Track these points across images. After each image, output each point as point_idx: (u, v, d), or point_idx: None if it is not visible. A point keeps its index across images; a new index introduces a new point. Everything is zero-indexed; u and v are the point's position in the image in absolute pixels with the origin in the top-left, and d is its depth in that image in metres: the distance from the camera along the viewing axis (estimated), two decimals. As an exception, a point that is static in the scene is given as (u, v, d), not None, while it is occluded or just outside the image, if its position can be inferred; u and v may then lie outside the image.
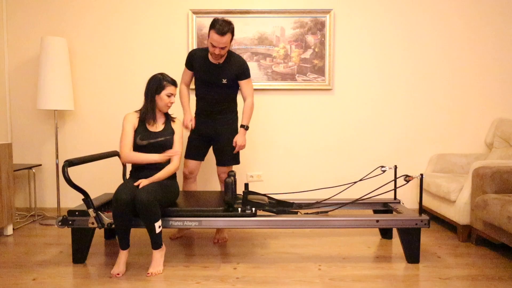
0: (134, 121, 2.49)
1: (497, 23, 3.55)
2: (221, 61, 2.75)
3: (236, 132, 2.89)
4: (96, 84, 3.64)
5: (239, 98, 3.37)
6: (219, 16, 3.53)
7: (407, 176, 2.36)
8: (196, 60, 2.79)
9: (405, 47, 3.58)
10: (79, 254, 2.37)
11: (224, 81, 2.75)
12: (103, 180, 3.69)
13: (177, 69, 3.62)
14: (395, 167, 2.76)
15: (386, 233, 2.91)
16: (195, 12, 3.54)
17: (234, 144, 2.83)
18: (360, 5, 3.56)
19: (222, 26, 2.57)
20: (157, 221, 2.21)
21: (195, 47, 3.56)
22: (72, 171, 3.69)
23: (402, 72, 3.60)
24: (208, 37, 2.63)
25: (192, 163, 2.89)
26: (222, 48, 2.63)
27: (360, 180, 2.63)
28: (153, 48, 3.61)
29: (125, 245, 2.25)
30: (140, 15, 3.60)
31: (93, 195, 3.68)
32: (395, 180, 2.74)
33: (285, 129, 3.64)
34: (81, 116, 3.66)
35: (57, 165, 3.37)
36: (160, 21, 3.60)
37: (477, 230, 2.70)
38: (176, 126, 2.58)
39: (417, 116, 3.62)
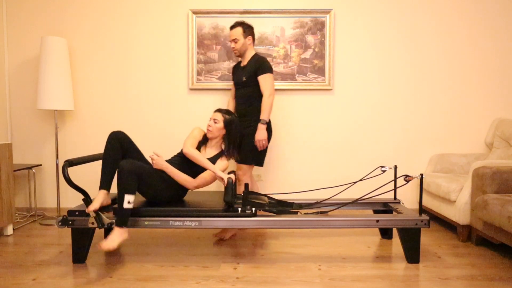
0: (199, 136, 2.64)
1: (497, 23, 3.55)
2: (246, 62, 2.97)
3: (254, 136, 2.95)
4: (96, 84, 3.64)
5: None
6: (219, 16, 3.53)
7: (407, 176, 2.36)
8: (234, 68, 3.11)
9: (405, 47, 3.58)
10: (79, 254, 2.37)
11: (244, 78, 2.93)
12: (103, 180, 3.69)
13: (177, 69, 3.62)
14: (395, 167, 2.76)
15: (386, 233, 2.91)
16: (195, 12, 3.54)
17: (255, 143, 2.89)
18: (360, 5, 3.56)
19: (235, 22, 2.95)
20: (128, 193, 2.21)
21: (195, 47, 3.56)
22: (72, 171, 3.69)
23: (402, 72, 3.60)
24: None
25: (242, 166, 2.98)
26: (234, 41, 2.92)
27: (360, 180, 2.63)
28: (153, 48, 3.61)
29: (105, 184, 2.33)
30: (140, 15, 3.60)
31: (93, 195, 3.68)
32: (395, 180, 2.74)
33: (285, 129, 3.64)
34: (81, 116, 3.66)
35: (57, 165, 3.37)
36: (160, 21, 3.60)
37: (477, 230, 2.70)
38: (220, 162, 2.58)
39: (417, 116, 3.62)
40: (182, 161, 2.57)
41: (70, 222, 2.34)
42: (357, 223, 2.37)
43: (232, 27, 2.93)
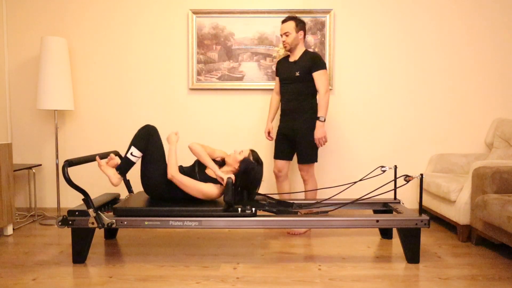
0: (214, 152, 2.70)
1: (497, 23, 3.55)
2: (297, 57, 2.96)
3: (313, 130, 2.95)
4: (96, 84, 3.64)
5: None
6: (219, 16, 3.53)
7: (407, 176, 2.36)
8: (280, 64, 3.09)
9: (405, 47, 3.58)
10: (79, 254, 2.37)
11: (297, 73, 2.91)
12: (103, 180, 3.69)
13: (177, 69, 3.62)
14: (395, 167, 2.76)
15: (386, 233, 2.91)
16: (195, 12, 3.54)
17: (315, 141, 2.92)
18: (360, 5, 3.56)
19: (287, 17, 2.95)
20: (135, 146, 2.44)
21: (195, 47, 3.56)
22: (72, 171, 3.69)
23: (402, 72, 3.60)
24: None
25: (279, 162, 3.07)
26: (286, 35, 2.91)
27: (360, 180, 2.63)
28: (153, 48, 3.61)
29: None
30: (140, 15, 3.60)
31: (93, 195, 3.68)
32: (395, 180, 2.73)
33: (285, 129, 3.64)
34: (81, 116, 3.66)
35: (57, 165, 3.37)
36: (160, 21, 3.60)
37: (477, 230, 2.70)
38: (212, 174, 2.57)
39: (417, 116, 3.62)
40: (190, 172, 2.56)
41: (70, 222, 2.34)
42: (357, 223, 2.37)
43: (284, 21, 2.92)
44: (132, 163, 2.47)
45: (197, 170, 2.56)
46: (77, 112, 3.66)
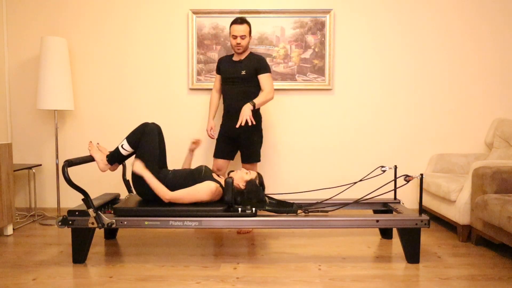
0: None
1: (498, 23, 3.55)
2: (242, 57, 2.98)
3: (257, 131, 3.00)
4: (96, 84, 3.64)
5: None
6: (219, 16, 3.53)
7: (407, 176, 2.36)
8: (222, 62, 3.06)
9: (405, 47, 3.58)
10: (79, 254, 2.37)
11: (243, 72, 2.93)
12: (103, 180, 3.69)
13: (177, 69, 3.62)
14: (395, 167, 2.76)
15: (386, 233, 2.91)
16: (195, 12, 3.54)
17: (239, 119, 2.85)
18: (360, 5, 3.56)
19: (240, 18, 2.90)
20: (127, 140, 2.51)
21: (195, 47, 3.56)
22: (72, 171, 3.69)
23: (402, 72, 3.60)
24: (230, 33, 2.93)
25: (219, 161, 3.09)
26: (242, 38, 2.89)
27: (360, 180, 2.63)
28: (153, 48, 3.61)
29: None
30: (140, 15, 3.60)
31: (93, 195, 3.68)
32: (395, 180, 2.73)
33: (285, 129, 3.64)
34: (81, 116, 3.66)
35: (57, 165, 3.37)
36: (160, 21, 3.60)
37: (477, 230, 2.70)
38: (210, 182, 2.55)
39: (417, 116, 3.62)
40: (187, 176, 2.56)
41: (70, 222, 2.34)
42: (357, 223, 2.37)
43: (239, 23, 2.88)
44: (121, 155, 2.54)
45: (203, 175, 2.56)
46: (77, 112, 3.66)
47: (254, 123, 2.82)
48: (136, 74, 3.63)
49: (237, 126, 2.79)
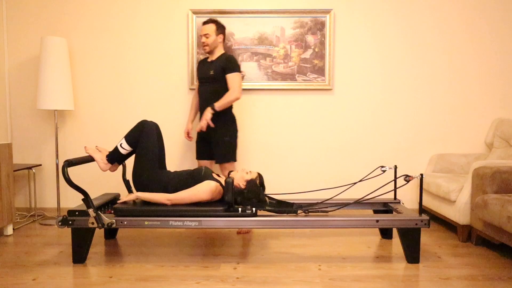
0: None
1: (498, 23, 3.55)
2: (214, 58, 3.04)
3: (229, 132, 3.01)
4: (96, 84, 3.64)
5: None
6: (219, 16, 3.53)
7: (407, 176, 2.36)
8: (199, 64, 3.16)
9: (405, 47, 3.58)
10: (79, 254, 2.37)
11: (211, 72, 2.98)
12: (103, 180, 3.69)
13: (177, 69, 3.62)
14: (395, 167, 2.76)
15: (386, 233, 2.91)
16: (195, 12, 3.54)
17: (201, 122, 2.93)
18: (360, 5, 3.56)
19: (208, 19, 3.02)
20: (125, 139, 2.52)
21: (195, 47, 3.56)
22: (72, 171, 3.69)
23: (402, 72, 3.60)
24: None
25: (202, 162, 3.14)
26: (206, 36, 2.98)
27: (360, 180, 2.63)
28: (153, 48, 3.61)
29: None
30: (140, 15, 3.60)
31: (93, 195, 3.68)
32: (395, 180, 2.73)
33: (285, 129, 3.64)
34: (81, 116, 3.66)
35: (57, 165, 3.37)
36: (160, 21, 3.60)
37: (477, 230, 2.70)
38: (208, 182, 2.52)
39: (417, 116, 3.62)
40: (187, 177, 2.56)
41: (70, 222, 2.34)
42: (357, 223, 2.37)
43: (205, 23, 3.00)
44: (120, 154, 2.54)
45: (202, 175, 2.55)
46: (77, 112, 3.66)
47: (212, 126, 2.91)
48: (136, 74, 3.63)
49: (197, 130, 2.91)
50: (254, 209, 2.41)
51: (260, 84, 3.57)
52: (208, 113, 2.89)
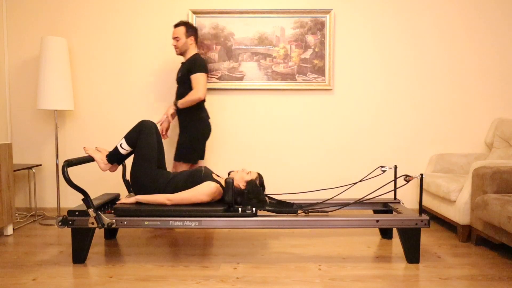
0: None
1: (498, 23, 3.55)
2: (185, 60, 3.06)
3: (187, 132, 3.00)
4: (96, 84, 3.64)
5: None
6: (219, 16, 3.53)
7: (407, 176, 2.36)
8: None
9: (405, 47, 3.58)
10: (79, 254, 2.37)
11: (180, 74, 3.03)
12: (103, 180, 3.69)
13: (176, 70, 3.62)
14: (395, 167, 2.76)
15: (386, 233, 2.91)
16: (195, 12, 3.54)
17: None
18: (360, 5, 3.56)
19: (180, 21, 3.03)
20: (125, 139, 2.52)
21: (195, 47, 3.56)
22: (72, 171, 3.69)
23: (402, 72, 3.60)
24: None
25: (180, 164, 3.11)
26: (176, 39, 3.01)
27: (360, 180, 2.63)
28: (153, 48, 3.61)
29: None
30: (140, 15, 3.60)
31: (93, 195, 3.68)
32: (395, 180, 2.74)
33: (285, 129, 3.64)
34: (81, 116, 3.66)
35: (57, 165, 3.37)
36: (160, 21, 3.60)
37: (477, 230, 2.70)
38: (209, 183, 2.52)
39: (417, 116, 3.62)
40: (187, 177, 2.56)
41: (70, 222, 2.34)
42: (357, 223, 2.37)
43: (175, 26, 3.02)
44: (120, 154, 2.54)
45: (203, 175, 2.55)
46: (77, 112, 3.66)
47: (171, 121, 3.01)
48: (136, 74, 3.63)
49: (156, 122, 2.92)
50: (254, 209, 2.41)
51: (260, 84, 3.57)
52: (171, 108, 3.00)
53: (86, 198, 2.31)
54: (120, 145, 2.54)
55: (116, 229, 2.95)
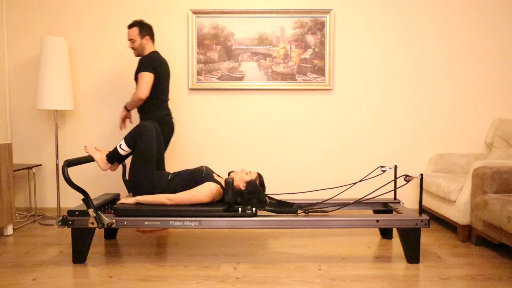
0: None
1: (498, 23, 3.55)
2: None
3: None
4: (96, 84, 3.64)
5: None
6: (219, 16, 3.53)
7: (407, 176, 2.36)
8: None
9: (405, 47, 3.58)
10: (79, 254, 2.37)
11: (134, 76, 2.97)
12: (103, 180, 3.69)
13: (177, 69, 3.62)
14: (395, 167, 2.76)
15: (386, 233, 2.91)
16: (195, 12, 3.54)
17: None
18: (360, 5, 3.56)
19: (133, 21, 2.95)
20: (125, 141, 2.53)
21: (195, 47, 3.56)
22: (72, 171, 3.68)
23: (402, 72, 3.60)
24: None
25: None
26: (132, 41, 2.94)
27: (360, 180, 2.63)
28: (153, 48, 3.61)
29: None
30: (140, 15, 3.59)
31: (93, 195, 3.68)
32: (395, 180, 2.74)
33: (285, 129, 3.64)
34: (81, 116, 3.66)
35: (57, 165, 3.37)
36: (160, 21, 3.60)
37: (477, 230, 2.70)
38: (209, 183, 2.51)
39: (417, 116, 3.62)
40: (188, 177, 2.56)
41: (70, 222, 2.34)
42: (357, 223, 2.37)
43: (129, 26, 2.94)
44: (120, 155, 2.55)
45: (204, 175, 2.55)
46: (77, 112, 3.66)
47: (124, 126, 3.01)
48: (136, 74, 3.63)
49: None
50: (254, 209, 2.41)
51: (260, 84, 3.57)
52: (122, 111, 3.03)
53: (86, 198, 2.31)
54: (120, 146, 2.54)
55: (116, 229, 2.95)
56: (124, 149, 2.54)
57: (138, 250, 2.62)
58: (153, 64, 2.86)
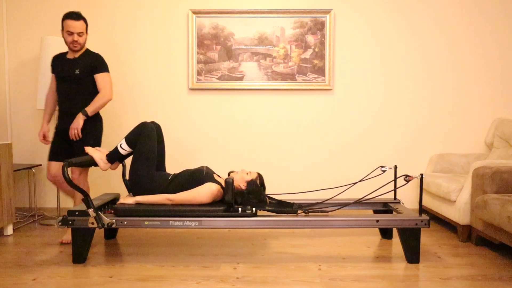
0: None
1: (498, 23, 3.55)
2: (77, 55, 2.79)
3: (94, 135, 2.80)
4: (96, 84, 3.64)
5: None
6: (219, 16, 3.53)
7: (407, 176, 2.36)
8: (56, 60, 2.85)
9: (405, 47, 3.58)
10: (79, 254, 2.37)
11: (77, 71, 2.73)
12: (103, 180, 3.69)
13: (177, 69, 3.62)
14: (395, 167, 2.76)
15: (386, 233, 2.91)
16: (195, 12, 3.54)
17: (69, 131, 2.71)
18: (360, 5, 3.56)
19: (75, 13, 2.72)
20: (126, 140, 2.53)
21: (195, 47, 3.56)
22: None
23: (402, 72, 3.60)
24: (63, 29, 2.74)
25: (54, 165, 2.82)
26: (80, 35, 2.72)
27: (360, 180, 2.63)
28: (153, 48, 3.61)
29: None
30: (140, 15, 3.60)
31: (93, 195, 3.68)
32: (395, 180, 2.73)
33: (285, 129, 3.64)
34: (81, 116, 3.66)
35: (57, 165, 3.37)
36: (160, 21, 3.60)
37: (477, 230, 2.70)
38: (209, 184, 2.49)
39: (417, 116, 3.62)
40: (189, 178, 2.55)
41: (70, 222, 2.34)
42: (357, 223, 2.37)
43: (75, 19, 2.69)
44: (120, 154, 2.56)
45: (204, 175, 2.54)
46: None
47: (80, 136, 2.70)
48: (136, 74, 3.63)
49: (71, 138, 2.70)
50: (254, 209, 2.41)
51: (260, 84, 3.57)
52: (80, 120, 2.68)
53: (86, 198, 2.31)
54: (120, 145, 2.55)
55: (116, 229, 2.95)
56: (125, 149, 2.54)
57: (138, 250, 2.62)
58: (107, 64, 2.83)
